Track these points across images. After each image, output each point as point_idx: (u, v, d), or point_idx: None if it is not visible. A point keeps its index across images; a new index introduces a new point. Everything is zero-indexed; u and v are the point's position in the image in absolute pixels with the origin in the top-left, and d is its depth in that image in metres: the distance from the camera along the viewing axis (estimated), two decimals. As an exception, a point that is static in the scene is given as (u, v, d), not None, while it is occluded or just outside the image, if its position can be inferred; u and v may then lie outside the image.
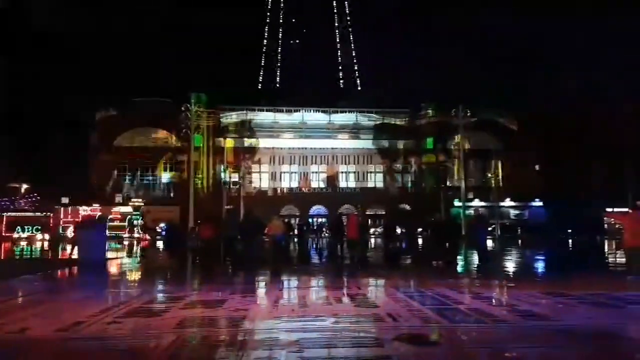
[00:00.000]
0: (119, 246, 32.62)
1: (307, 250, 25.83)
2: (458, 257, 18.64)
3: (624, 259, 14.47)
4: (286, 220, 29.07)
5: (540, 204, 72.63)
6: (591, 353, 6.24)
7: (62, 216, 48.06)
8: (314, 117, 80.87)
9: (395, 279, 14.24)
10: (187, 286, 14.09)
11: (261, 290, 12.62)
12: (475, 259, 18.59)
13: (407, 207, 70.89)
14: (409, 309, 8.91)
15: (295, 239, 25.31)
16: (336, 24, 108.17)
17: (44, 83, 69.21)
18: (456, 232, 20.25)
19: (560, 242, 42.04)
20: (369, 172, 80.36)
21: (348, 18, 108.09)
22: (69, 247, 21.53)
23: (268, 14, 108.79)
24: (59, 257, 23.79)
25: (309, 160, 78.92)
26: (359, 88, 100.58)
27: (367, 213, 68.43)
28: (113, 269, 19.29)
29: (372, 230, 36.89)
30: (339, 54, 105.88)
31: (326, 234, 35.27)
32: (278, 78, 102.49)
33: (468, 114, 57.35)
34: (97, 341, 6.94)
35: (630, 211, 22.07)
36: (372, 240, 34.96)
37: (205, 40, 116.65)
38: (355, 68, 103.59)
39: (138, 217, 45.82)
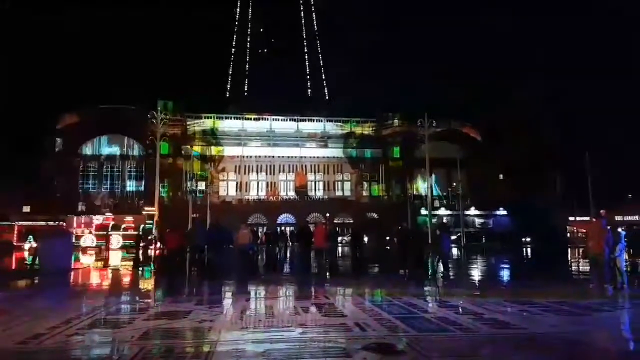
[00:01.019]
0: (127, 255, 32.02)
1: (275, 259, 25.72)
2: (424, 266, 18.77)
3: (587, 267, 14.79)
4: (254, 229, 28.94)
5: (505, 212, 73.89)
6: (555, 360, 6.35)
7: (75, 225, 47.25)
8: (282, 125, 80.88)
9: (362, 287, 14.27)
10: (151, 297, 13.85)
11: (228, 301, 12.48)
12: (440, 267, 18.76)
13: (375, 215, 71.27)
14: (376, 318, 8.92)
15: (263, 248, 25.17)
16: (304, 33, 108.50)
17: (3, 87, 67.34)
18: (422, 241, 20.41)
19: (524, 251, 42.76)
20: (337, 181, 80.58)
21: (315, 27, 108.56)
22: (30, 258, 20.92)
23: (236, 22, 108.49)
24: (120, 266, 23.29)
25: (277, 168, 78.73)
26: (327, 97, 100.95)
27: (335, 222, 68.65)
28: (77, 279, 18.84)
29: (339, 238, 36.94)
30: (306, 62, 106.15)
31: (295, 243, 35.18)
32: (246, 86, 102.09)
33: (433, 124, 58.02)
34: (58, 354, 6.75)
35: (593, 220, 22.63)
36: (340, 249, 34.97)
37: (172, 48, 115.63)
38: (323, 77, 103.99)
39: (151, 225, 45.25)
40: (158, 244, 31.44)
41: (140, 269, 20.87)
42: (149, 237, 34.20)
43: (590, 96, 77.91)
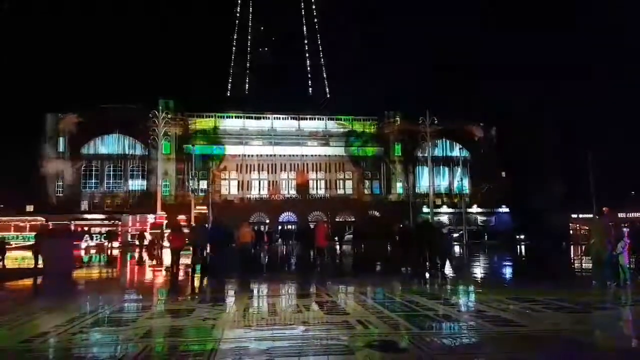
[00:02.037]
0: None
1: (278, 257, 25.76)
2: (427, 264, 18.75)
3: (589, 265, 14.80)
4: (256, 227, 28.97)
5: (507, 210, 73.89)
6: (557, 359, 6.36)
7: (130, 224, 47.63)
8: (283, 123, 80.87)
9: (364, 285, 14.28)
10: (155, 295, 13.89)
11: (230, 299, 12.50)
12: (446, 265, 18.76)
13: (377, 214, 71.28)
14: (378, 316, 8.94)
15: (266, 247, 25.20)
16: (304, 31, 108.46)
17: (5, 86, 67.42)
18: (423, 239, 20.35)
19: (519, 248, 42.73)
20: (339, 180, 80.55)
21: (316, 25, 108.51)
22: (39, 258, 20.92)
23: (237, 21, 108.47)
24: (127, 264, 23.28)
25: (279, 167, 78.71)
26: (328, 95, 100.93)
27: (337, 220, 68.73)
28: (80, 278, 18.87)
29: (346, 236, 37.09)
30: (307, 60, 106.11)
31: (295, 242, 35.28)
32: (247, 85, 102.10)
33: (435, 122, 58.05)
34: (62, 352, 6.79)
35: (596, 217, 22.60)
36: (344, 247, 35.04)
37: (174, 47, 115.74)
38: (324, 75, 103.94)
39: (207, 225, 45.59)
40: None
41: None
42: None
43: (593, 93, 77.79)
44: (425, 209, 65.27)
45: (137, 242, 36.27)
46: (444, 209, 72.41)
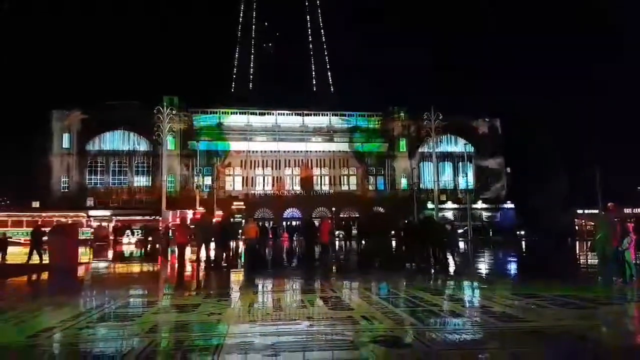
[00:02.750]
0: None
1: (283, 253, 25.79)
2: (431, 260, 18.74)
3: (595, 261, 14.76)
4: (260, 223, 29.02)
5: (512, 206, 73.74)
6: (562, 354, 6.36)
7: (170, 220, 47.87)
8: (288, 119, 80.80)
9: (369, 281, 14.30)
10: (160, 290, 13.94)
11: (236, 294, 12.54)
12: (450, 260, 18.75)
13: (381, 209, 71.24)
14: (383, 312, 8.95)
15: (270, 242, 25.23)
16: (309, 27, 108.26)
17: (10, 84, 67.64)
18: (428, 234, 20.34)
19: (526, 244, 42.64)
20: (343, 175, 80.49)
21: (321, 21, 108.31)
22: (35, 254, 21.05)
23: (241, 16, 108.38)
24: (168, 259, 23.28)
25: (283, 163, 78.69)
26: (332, 91, 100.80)
27: (341, 216, 68.75)
28: (85, 274, 18.96)
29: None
30: (311, 56, 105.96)
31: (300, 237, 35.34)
32: (251, 81, 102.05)
33: (440, 117, 57.90)
34: (69, 347, 6.83)
35: (602, 213, 22.50)
36: (347, 243, 35.07)
37: (178, 43, 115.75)
38: (328, 71, 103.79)
39: (240, 219, 46.05)
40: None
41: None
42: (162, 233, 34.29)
43: (598, 89, 77.53)
44: (429, 205, 65.16)
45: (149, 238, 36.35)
46: (449, 204, 72.29)
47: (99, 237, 38.73)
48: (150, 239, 34.82)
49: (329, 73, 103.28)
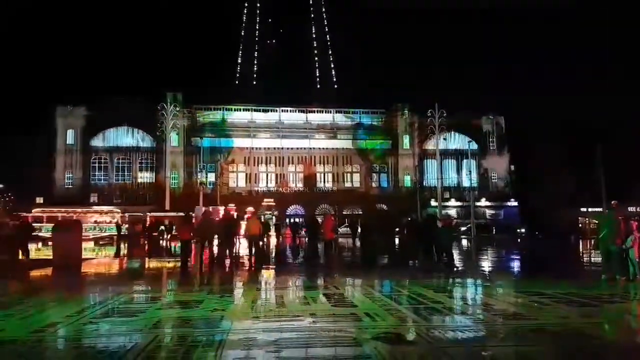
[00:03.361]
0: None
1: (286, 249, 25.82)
2: (433, 257, 18.75)
3: (599, 259, 14.73)
4: (263, 220, 29.00)
5: (515, 204, 73.62)
6: (566, 352, 6.35)
7: (200, 215, 47.87)
8: (291, 116, 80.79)
9: (372, 278, 14.30)
10: (163, 286, 13.98)
11: (239, 291, 12.57)
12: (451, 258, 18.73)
13: (384, 207, 71.24)
14: (386, 309, 8.96)
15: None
16: (313, 24, 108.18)
17: (13, 81, 67.86)
18: (432, 232, 20.34)
19: (535, 242, 42.61)
20: (346, 173, 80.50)
21: (325, 17, 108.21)
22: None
23: (245, 13, 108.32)
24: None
25: (286, 160, 78.71)
26: (336, 88, 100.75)
27: (344, 213, 68.77)
28: (90, 270, 19.01)
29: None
30: (315, 53, 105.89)
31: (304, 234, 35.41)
32: (254, 77, 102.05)
33: (444, 115, 57.86)
34: (73, 342, 6.86)
35: (605, 211, 22.42)
36: (351, 240, 35.11)
37: (182, 40, 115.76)
38: (332, 68, 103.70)
39: (271, 216, 46.62)
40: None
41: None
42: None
43: (601, 85, 77.22)
44: (433, 203, 65.15)
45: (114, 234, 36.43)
46: (452, 202, 72.26)
47: (133, 232, 38.98)
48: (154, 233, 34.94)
49: (333, 70, 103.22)
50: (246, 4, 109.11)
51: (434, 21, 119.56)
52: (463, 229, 51.12)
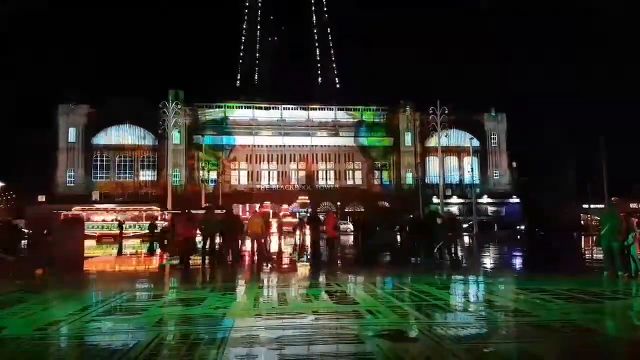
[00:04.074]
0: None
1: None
2: (435, 253, 18.76)
3: (600, 255, 14.73)
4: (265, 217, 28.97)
5: (517, 200, 73.55)
6: (568, 348, 6.36)
7: (241, 212, 48.23)
8: (293, 114, 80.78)
9: (374, 275, 14.31)
10: (166, 284, 14.01)
11: (241, 288, 12.59)
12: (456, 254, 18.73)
13: (386, 204, 71.22)
14: (388, 306, 8.97)
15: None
16: (314, 21, 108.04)
17: (14, 78, 67.89)
18: (433, 228, 20.33)
19: (537, 239, 42.56)
20: (348, 170, 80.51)
21: (326, 15, 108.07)
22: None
23: (246, 11, 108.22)
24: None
25: (288, 157, 78.73)
26: (338, 85, 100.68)
27: (346, 210, 68.77)
28: (91, 267, 19.06)
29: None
30: (317, 51, 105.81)
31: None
32: (256, 75, 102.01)
33: (446, 112, 57.75)
34: (76, 340, 6.89)
35: (606, 207, 22.38)
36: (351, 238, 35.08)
37: (183, 37, 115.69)
38: (334, 65, 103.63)
39: (306, 213, 47.04)
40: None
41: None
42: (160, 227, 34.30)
43: (605, 81, 77.07)
44: (435, 200, 65.10)
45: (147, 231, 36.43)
46: (454, 199, 72.20)
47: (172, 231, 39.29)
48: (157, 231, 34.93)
49: (335, 67, 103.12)
50: (248, 1, 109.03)
51: (436, 17, 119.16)
52: (465, 226, 51.11)
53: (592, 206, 56.86)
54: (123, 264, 21.36)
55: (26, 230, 50.85)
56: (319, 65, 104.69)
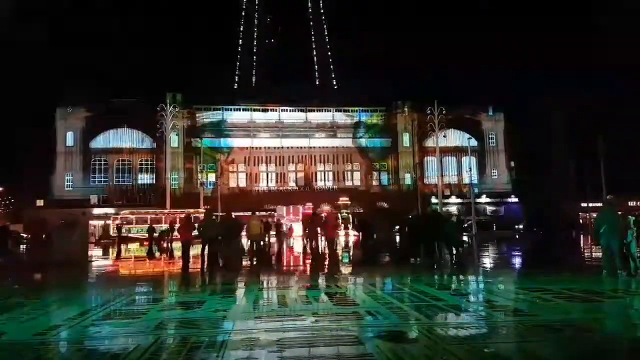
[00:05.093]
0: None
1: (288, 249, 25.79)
2: (435, 254, 18.74)
3: (599, 254, 14.73)
4: (264, 220, 28.97)
5: (516, 200, 73.50)
6: (568, 348, 6.35)
7: (284, 214, 48.43)
8: (291, 116, 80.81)
9: (374, 276, 14.30)
10: (165, 287, 13.99)
11: (241, 291, 12.58)
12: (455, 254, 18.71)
13: (385, 205, 71.16)
14: (388, 307, 8.96)
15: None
16: (311, 23, 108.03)
17: (11, 82, 67.80)
18: (433, 229, 20.30)
19: (535, 238, 42.59)
20: (346, 171, 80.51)
21: (323, 17, 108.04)
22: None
23: (243, 13, 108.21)
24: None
25: (286, 159, 78.73)
26: (335, 86, 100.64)
27: (345, 212, 68.67)
28: (92, 270, 19.03)
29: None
30: (314, 52, 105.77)
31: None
32: (254, 77, 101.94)
33: (444, 112, 57.79)
34: (75, 345, 6.87)
35: (605, 206, 22.37)
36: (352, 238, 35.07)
37: (180, 40, 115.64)
38: (331, 66, 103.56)
39: (347, 214, 47.57)
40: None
41: None
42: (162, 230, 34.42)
43: (605, 81, 77.16)
44: (433, 200, 65.06)
45: (146, 235, 36.49)
46: (453, 199, 72.15)
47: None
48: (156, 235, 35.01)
49: (332, 68, 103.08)
50: (245, 3, 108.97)
51: (433, 16, 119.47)
52: (464, 225, 51.05)
53: (590, 205, 56.89)
54: (122, 267, 21.33)
55: (24, 235, 50.72)
56: (316, 66, 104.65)
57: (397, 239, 24.32)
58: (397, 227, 25.13)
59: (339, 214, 47.64)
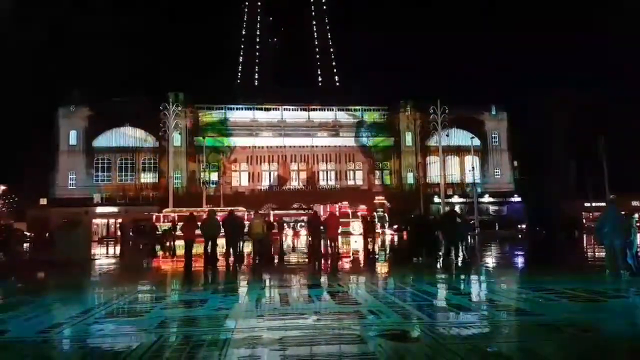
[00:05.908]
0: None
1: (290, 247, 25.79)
2: (438, 253, 18.73)
3: (602, 254, 14.71)
4: (266, 218, 29.00)
5: (519, 199, 73.46)
6: (571, 347, 6.34)
7: (321, 212, 48.40)
8: (293, 115, 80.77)
9: (376, 275, 14.30)
10: (168, 286, 14.01)
11: (243, 289, 12.58)
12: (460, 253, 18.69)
13: (388, 204, 71.10)
14: (390, 306, 8.95)
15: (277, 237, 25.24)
16: (314, 22, 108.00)
17: (15, 81, 67.88)
18: (435, 228, 20.27)
19: (538, 238, 42.52)
20: (349, 170, 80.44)
21: (326, 14, 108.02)
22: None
23: (246, 12, 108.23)
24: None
25: (289, 158, 78.69)
26: (338, 85, 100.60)
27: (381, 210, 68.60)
28: (95, 269, 19.05)
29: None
30: (317, 51, 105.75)
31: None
32: (256, 76, 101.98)
33: (446, 111, 57.75)
34: (78, 342, 6.89)
35: (607, 206, 22.35)
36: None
37: (183, 39, 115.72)
38: (334, 65, 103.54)
39: (382, 213, 48.07)
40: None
41: None
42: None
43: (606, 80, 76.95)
44: (436, 199, 65.05)
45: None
46: (455, 198, 72.14)
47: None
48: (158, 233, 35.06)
49: (335, 67, 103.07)
50: (247, 3, 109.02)
51: (435, 16, 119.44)
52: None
53: (593, 204, 56.81)
54: (125, 266, 21.36)
55: (28, 234, 50.91)
56: (318, 65, 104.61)
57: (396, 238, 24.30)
58: (402, 226, 25.12)
59: (375, 213, 47.93)
